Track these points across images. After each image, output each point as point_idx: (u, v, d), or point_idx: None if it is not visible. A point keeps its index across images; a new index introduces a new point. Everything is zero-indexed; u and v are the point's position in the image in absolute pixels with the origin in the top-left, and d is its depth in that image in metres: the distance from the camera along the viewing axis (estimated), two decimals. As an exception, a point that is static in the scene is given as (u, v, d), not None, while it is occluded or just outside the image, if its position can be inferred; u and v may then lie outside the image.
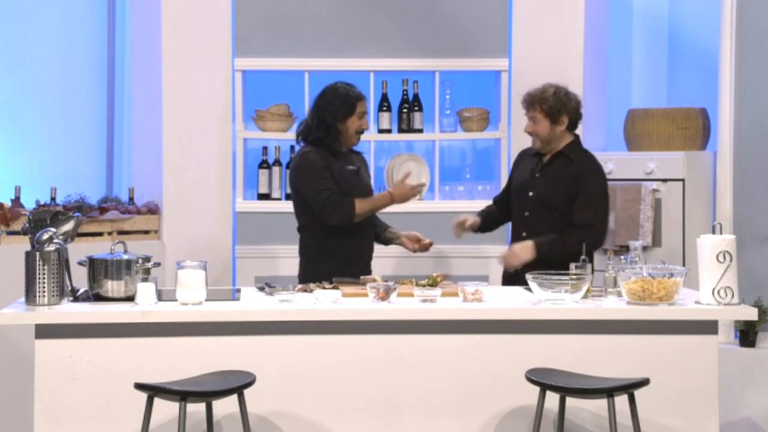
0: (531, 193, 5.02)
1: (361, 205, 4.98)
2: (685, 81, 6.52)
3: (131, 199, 6.06)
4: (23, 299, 4.11)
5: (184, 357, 4.04)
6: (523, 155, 5.22)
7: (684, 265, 5.59)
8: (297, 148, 5.17)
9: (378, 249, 5.19)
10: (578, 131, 5.07)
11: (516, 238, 5.07)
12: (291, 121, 6.11)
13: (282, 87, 6.20)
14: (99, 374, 4.02)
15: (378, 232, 5.21)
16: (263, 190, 6.04)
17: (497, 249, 5.35)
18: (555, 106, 4.96)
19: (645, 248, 5.59)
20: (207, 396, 3.81)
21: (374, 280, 4.49)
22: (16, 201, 5.53)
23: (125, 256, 4.13)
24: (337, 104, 5.02)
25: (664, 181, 5.90)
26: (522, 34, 6.13)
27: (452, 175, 6.29)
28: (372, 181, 5.36)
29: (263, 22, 6.04)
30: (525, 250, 4.88)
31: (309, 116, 5.11)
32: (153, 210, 6.05)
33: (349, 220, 4.96)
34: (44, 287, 4.02)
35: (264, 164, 6.05)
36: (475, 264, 5.95)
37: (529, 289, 4.29)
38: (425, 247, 5.14)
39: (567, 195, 4.94)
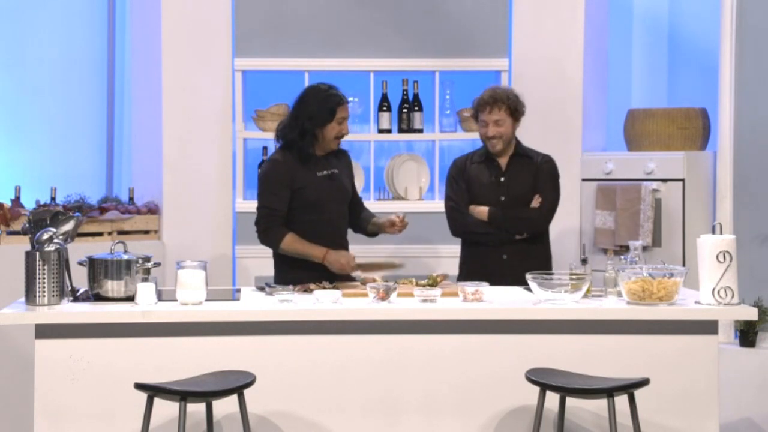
0: (503, 198, 5.07)
1: (291, 242, 4.74)
2: (685, 81, 6.51)
3: (131, 199, 6.05)
4: (23, 299, 4.10)
5: (184, 357, 4.04)
6: (466, 165, 5.17)
7: (684, 265, 5.59)
8: (275, 145, 4.96)
9: (379, 249, 5.17)
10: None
11: None
12: (291, 121, 6.10)
13: (282, 87, 6.18)
14: (99, 374, 4.02)
15: (363, 226, 5.00)
16: (263, 190, 6.02)
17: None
18: (518, 104, 5.08)
19: (645, 248, 5.59)
20: (207, 396, 3.81)
21: (374, 280, 4.49)
22: (16, 201, 5.53)
23: (125, 256, 4.13)
24: (316, 108, 4.78)
25: (664, 181, 5.89)
26: (522, 34, 6.13)
27: (452, 175, 6.28)
28: (362, 182, 5.28)
29: (263, 22, 6.03)
30: (482, 213, 5.03)
31: (288, 116, 4.90)
32: (153, 210, 6.05)
33: (272, 247, 4.82)
34: (44, 287, 4.02)
35: (264, 164, 6.04)
36: (475, 264, 5.93)
37: (529, 289, 4.29)
38: (402, 227, 4.87)
39: (535, 189, 5.08)
